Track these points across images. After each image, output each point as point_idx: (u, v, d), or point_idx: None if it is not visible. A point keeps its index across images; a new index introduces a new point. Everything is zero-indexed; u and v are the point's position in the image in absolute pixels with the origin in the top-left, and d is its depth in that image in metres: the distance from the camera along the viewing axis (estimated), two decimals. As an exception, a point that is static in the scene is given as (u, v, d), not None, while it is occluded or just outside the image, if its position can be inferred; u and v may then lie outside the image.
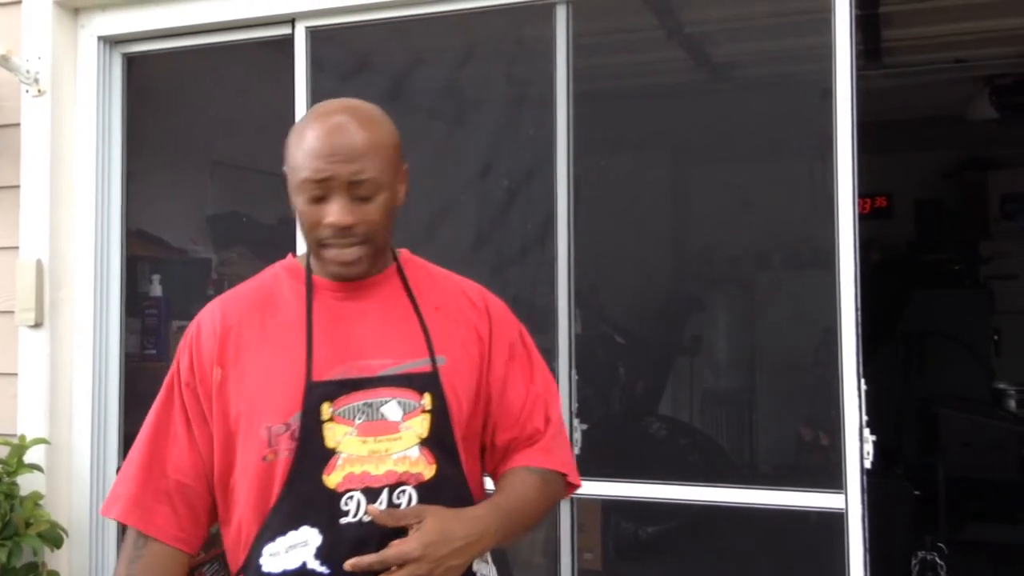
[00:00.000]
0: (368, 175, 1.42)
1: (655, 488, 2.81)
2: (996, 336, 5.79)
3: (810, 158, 3.87)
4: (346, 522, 1.41)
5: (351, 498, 1.41)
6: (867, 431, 2.43)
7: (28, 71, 3.15)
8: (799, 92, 3.68)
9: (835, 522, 2.47)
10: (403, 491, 1.43)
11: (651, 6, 3.76)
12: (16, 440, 3.03)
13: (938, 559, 4.11)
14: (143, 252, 3.85)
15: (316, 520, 1.41)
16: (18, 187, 3.20)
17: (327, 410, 1.43)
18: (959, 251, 6.42)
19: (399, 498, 1.43)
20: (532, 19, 2.99)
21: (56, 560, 3.07)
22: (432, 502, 1.43)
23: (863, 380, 2.45)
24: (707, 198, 5.94)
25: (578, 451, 2.84)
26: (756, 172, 5.08)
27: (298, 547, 1.42)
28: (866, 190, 6.54)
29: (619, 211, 5.13)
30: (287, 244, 3.14)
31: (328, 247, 1.45)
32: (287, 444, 1.44)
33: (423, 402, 1.46)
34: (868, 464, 2.43)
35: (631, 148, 5.26)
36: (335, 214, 1.41)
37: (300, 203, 1.45)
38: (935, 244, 6.66)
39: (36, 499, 2.98)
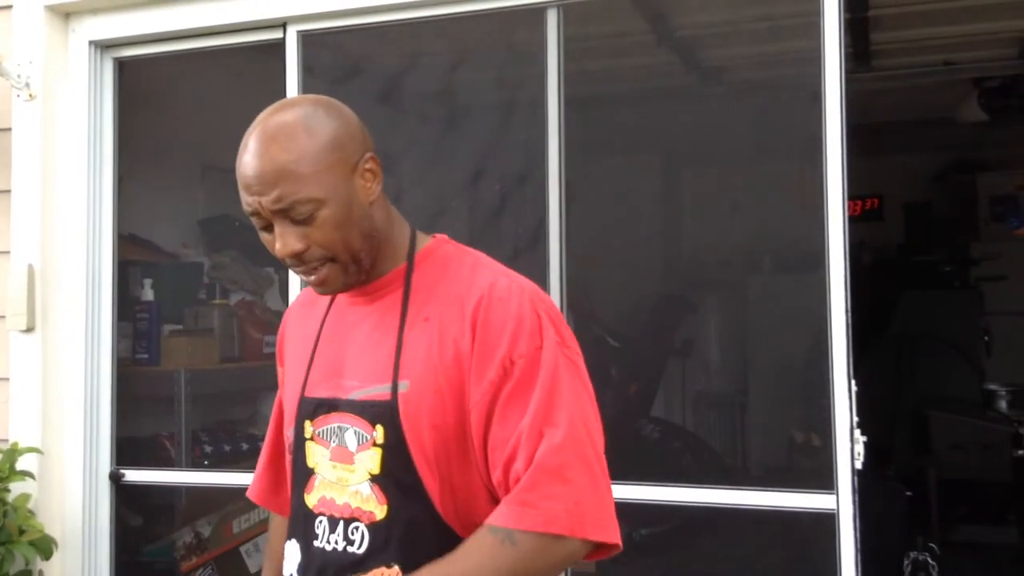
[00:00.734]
0: (293, 198, 1.26)
1: (648, 490, 2.82)
2: (986, 337, 5.81)
3: (800, 161, 3.89)
4: (317, 545, 1.36)
5: (320, 522, 1.37)
6: (858, 432, 2.44)
7: (19, 76, 3.15)
8: (789, 96, 3.70)
9: (827, 523, 2.48)
10: (356, 528, 1.33)
11: (642, 10, 3.78)
12: (7, 446, 3.02)
13: (930, 560, 4.13)
14: (135, 256, 3.85)
15: (298, 537, 1.41)
16: (9, 192, 3.20)
17: (308, 428, 1.40)
18: (949, 253, 6.45)
19: (353, 534, 1.33)
20: (523, 23, 3.00)
21: (49, 566, 3.06)
22: (384, 544, 1.30)
23: (853, 381, 2.46)
24: (698, 201, 5.96)
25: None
26: (747, 175, 5.10)
27: (290, 559, 1.43)
28: (857, 192, 6.58)
29: (611, 215, 5.14)
30: (279, 248, 3.15)
31: (302, 275, 1.35)
32: (289, 456, 1.46)
33: (374, 435, 1.31)
34: (859, 465, 2.44)
35: (622, 152, 5.28)
36: (279, 244, 1.29)
37: (258, 230, 1.34)
38: (925, 246, 6.69)
39: (25, 498, 2.97)
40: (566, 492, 1.22)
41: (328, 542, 1.35)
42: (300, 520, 1.40)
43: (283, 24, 3.08)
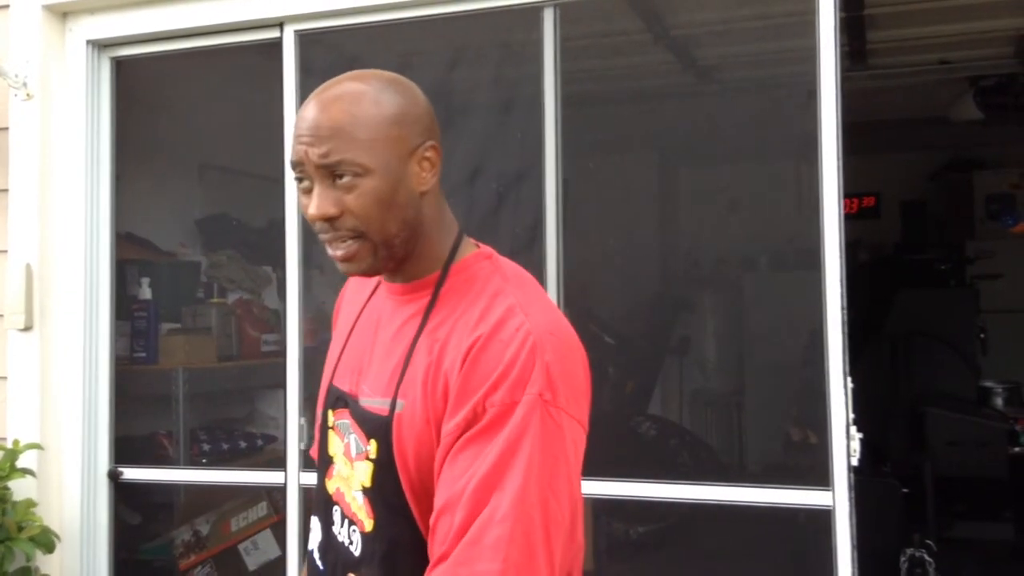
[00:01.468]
0: (337, 157, 1.20)
1: (644, 487, 2.83)
2: (982, 335, 5.83)
3: (796, 159, 3.91)
4: (334, 530, 1.36)
5: (337, 510, 1.35)
6: (854, 428, 2.45)
7: (17, 75, 3.15)
8: (785, 94, 3.72)
9: (823, 519, 2.49)
10: (354, 530, 1.31)
11: (637, 10, 3.79)
12: (8, 444, 3.03)
13: (927, 556, 4.14)
14: (132, 255, 3.86)
15: (320, 517, 1.41)
16: (7, 191, 3.20)
17: (331, 418, 1.38)
18: (945, 251, 6.46)
19: (352, 536, 1.31)
20: (520, 22, 3.01)
21: (48, 563, 3.07)
22: (370, 556, 1.27)
23: (849, 378, 2.47)
24: (695, 200, 5.97)
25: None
26: (743, 174, 5.11)
27: (313, 534, 1.42)
28: (853, 191, 6.59)
29: (608, 213, 5.15)
30: (277, 247, 3.16)
31: (325, 243, 1.27)
32: (317, 434, 1.45)
33: (368, 448, 1.27)
34: (855, 461, 2.45)
35: (619, 150, 5.28)
36: (313, 204, 1.23)
37: (298, 194, 1.28)
38: (921, 244, 6.71)
39: (29, 504, 2.99)
40: (500, 571, 1.09)
41: (340, 533, 1.35)
42: (323, 502, 1.40)
43: (280, 24, 3.09)
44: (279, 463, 3.09)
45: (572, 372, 1.20)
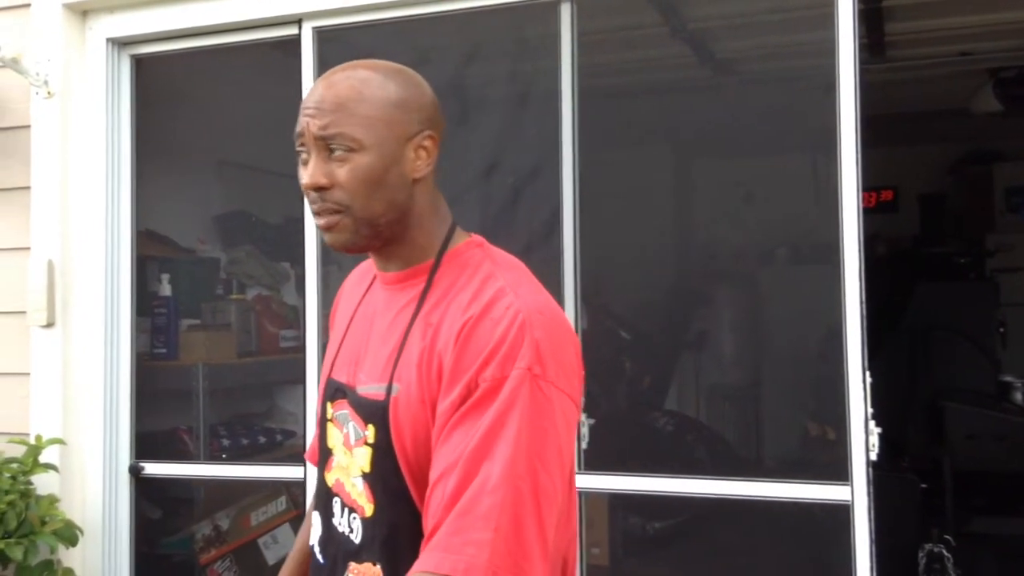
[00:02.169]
0: (337, 129, 1.26)
1: (661, 481, 2.84)
2: (1002, 329, 5.79)
3: (814, 153, 3.89)
4: (334, 523, 1.38)
5: (336, 502, 1.38)
6: (872, 423, 2.45)
7: (38, 74, 3.18)
8: (803, 87, 3.70)
9: (841, 514, 2.49)
10: (354, 517, 1.34)
11: (654, 3, 3.78)
12: (31, 440, 3.06)
13: (945, 551, 4.13)
14: (153, 252, 3.88)
15: (321, 511, 1.43)
16: (29, 188, 3.23)
17: (330, 410, 1.41)
18: (964, 244, 6.42)
19: (352, 523, 1.34)
20: (537, 17, 3.02)
21: (70, 557, 3.11)
22: (371, 541, 1.30)
23: (868, 373, 2.47)
24: (712, 194, 5.95)
25: (585, 445, 2.86)
26: (761, 167, 5.09)
27: (314, 530, 1.45)
28: (871, 184, 6.54)
29: (624, 207, 5.14)
30: (295, 243, 3.17)
31: (314, 214, 1.32)
32: (317, 429, 1.47)
33: (367, 433, 1.30)
34: (874, 456, 2.45)
35: (636, 144, 5.28)
36: (305, 174, 1.29)
37: (299, 170, 1.34)
38: (940, 237, 6.67)
39: (52, 499, 3.02)
40: (491, 540, 1.11)
41: (340, 524, 1.37)
42: (323, 496, 1.42)
43: (298, 20, 3.10)
44: (298, 458, 3.11)
45: (561, 349, 1.23)
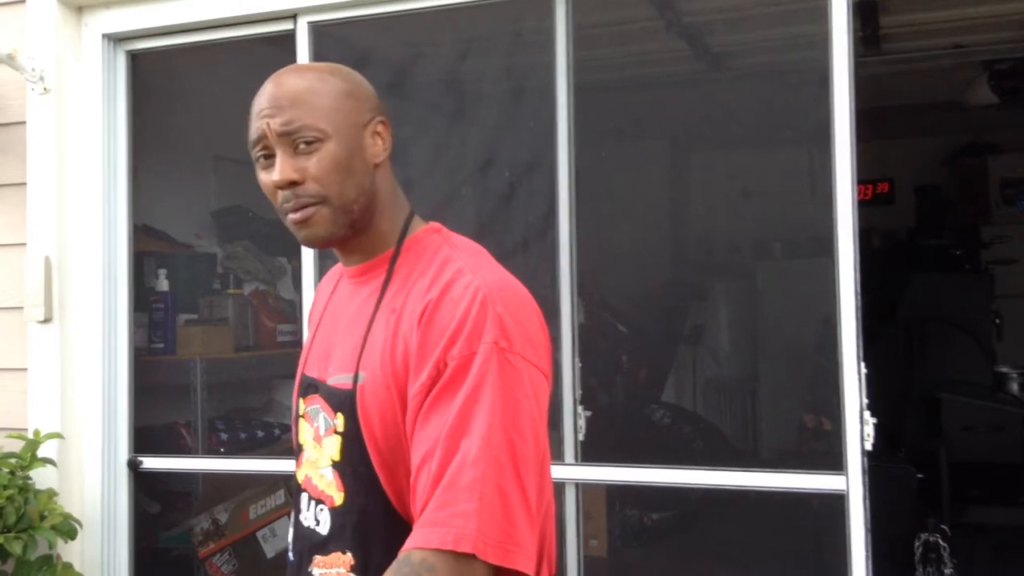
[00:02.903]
0: (300, 123, 1.29)
1: (658, 472, 2.85)
2: (997, 320, 5.81)
3: (809, 146, 3.91)
4: (300, 519, 1.41)
5: (304, 497, 1.40)
6: (867, 414, 2.46)
7: (33, 69, 3.18)
8: (798, 81, 3.71)
9: (837, 504, 2.51)
10: (322, 509, 1.36)
11: (650, -3, 3.79)
12: (29, 435, 3.06)
13: (941, 541, 4.15)
14: (149, 247, 3.89)
15: (293, 509, 1.46)
16: (25, 184, 3.23)
17: (302, 406, 1.43)
18: (960, 236, 6.44)
19: (320, 515, 1.37)
20: (532, 11, 3.02)
21: (69, 552, 3.12)
22: (340, 530, 1.32)
23: (863, 364, 2.48)
24: (708, 187, 5.97)
25: (582, 437, 2.88)
26: (756, 161, 5.11)
27: (290, 528, 1.48)
28: (867, 177, 6.56)
29: (620, 201, 5.16)
30: (291, 238, 3.18)
31: (286, 213, 1.34)
32: (293, 427, 1.49)
33: (336, 422, 1.32)
34: (869, 446, 2.46)
35: (632, 138, 5.29)
36: (276, 171, 1.30)
37: (258, 173, 1.35)
38: (936, 229, 6.68)
39: (50, 493, 3.03)
40: (477, 509, 1.15)
41: (306, 518, 1.39)
42: (295, 493, 1.45)
43: (293, 15, 3.11)
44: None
45: (525, 322, 1.27)
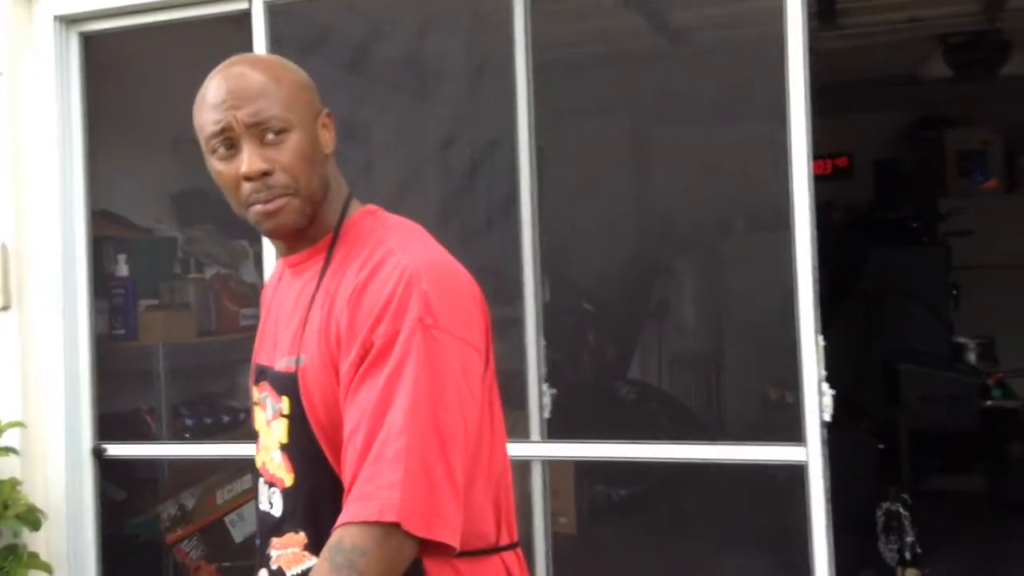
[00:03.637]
0: (268, 113, 1.31)
1: (624, 448, 2.88)
2: (955, 291, 5.91)
3: (768, 121, 3.93)
4: (259, 503, 1.45)
5: (261, 483, 1.44)
6: (826, 385, 2.50)
7: (-16, 53, 3.13)
8: (755, 55, 3.72)
9: (797, 474, 2.55)
10: (274, 492, 1.40)
11: (607, -27, 3.79)
12: (-11, 423, 3.03)
13: (902, 509, 4.22)
14: (108, 232, 3.84)
15: (255, 494, 1.48)
16: (-21, 171, 3.19)
17: (255, 393, 1.47)
18: (917, 209, 6.52)
19: (273, 498, 1.40)
20: (490, -11, 3.01)
21: (35, 541, 3.09)
22: (292, 511, 1.36)
23: (821, 336, 2.51)
24: (668, 163, 5.99)
25: (548, 415, 2.90)
26: (716, 136, 5.13)
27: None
28: (826, 151, 6.60)
29: (582, 179, 5.17)
30: (253, 220, 3.16)
31: (252, 205, 1.34)
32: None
33: (281, 405, 1.36)
34: (827, 417, 2.50)
35: (592, 115, 5.30)
36: (244, 163, 1.31)
37: (215, 166, 1.36)
38: (894, 203, 6.76)
39: (14, 483, 3.00)
40: (401, 480, 1.17)
41: (263, 502, 1.43)
42: (254, 480, 1.48)
43: (249, -5, 3.07)
44: (262, 435, 3.11)
45: (454, 297, 1.29)
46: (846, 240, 5.92)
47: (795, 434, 2.54)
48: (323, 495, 1.31)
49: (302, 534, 1.34)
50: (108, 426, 3.35)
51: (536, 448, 2.87)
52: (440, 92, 4.57)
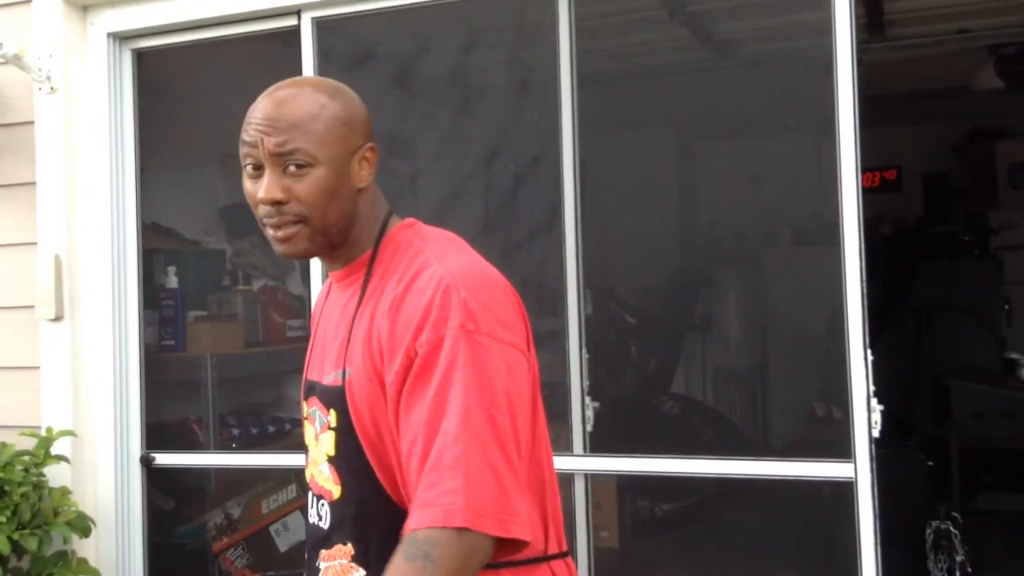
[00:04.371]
0: (294, 146, 1.32)
1: (668, 463, 2.86)
2: (1007, 306, 5.80)
3: (815, 133, 3.90)
4: (309, 516, 1.47)
5: (312, 495, 1.46)
6: (875, 401, 2.46)
7: (40, 69, 3.20)
8: (802, 68, 3.70)
9: (845, 491, 2.51)
10: (323, 504, 1.42)
11: (652, -13, 3.79)
12: (42, 432, 3.09)
13: (952, 528, 4.15)
14: (158, 245, 3.90)
15: (306, 508, 1.50)
16: (34, 184, 3.25)
17: (305, 408, 1.49)
18: (968, 222, 6.42)
19: (321, 511, 1.42)
20: (534, 3, 3.03)
21: (84, 548, 3.14)
22: (340, 523, 1.38)
23: (870, 351, 2.48)
24: (713, 176, 5.96)
25: (591, 428, 2.89)
26: (762, 149, 5.10)
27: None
28: (874, 164, 6.53)
29: (626, 192, 5.16)
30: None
31: (266, 227, 1.38)
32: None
33: (329, 419, 1.38)
34: (876, 433, 2.46)
35: (636, 128, 5.28)
36: (263, 188, 1.34)
37: (244, 181, 1.40)
38: (944, 216, 6.66)
39: (64, 491, 3.05)
40: (463, 486, 1.18)
41: (312, 515, 1.45)
42: (306, 494, 1.50)
43: (297, 11, 3.12)
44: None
45: (493, 303, 1.30)
46: (895, 253, 5.85)
47: (843, 450, 2.51)
48: (370, 507, 1.33)
49: (349, 545, 1.36)
50: (156, 435, 3.40)
51: (579, 461, 2.86)
52: (484, 106, 4.59)
